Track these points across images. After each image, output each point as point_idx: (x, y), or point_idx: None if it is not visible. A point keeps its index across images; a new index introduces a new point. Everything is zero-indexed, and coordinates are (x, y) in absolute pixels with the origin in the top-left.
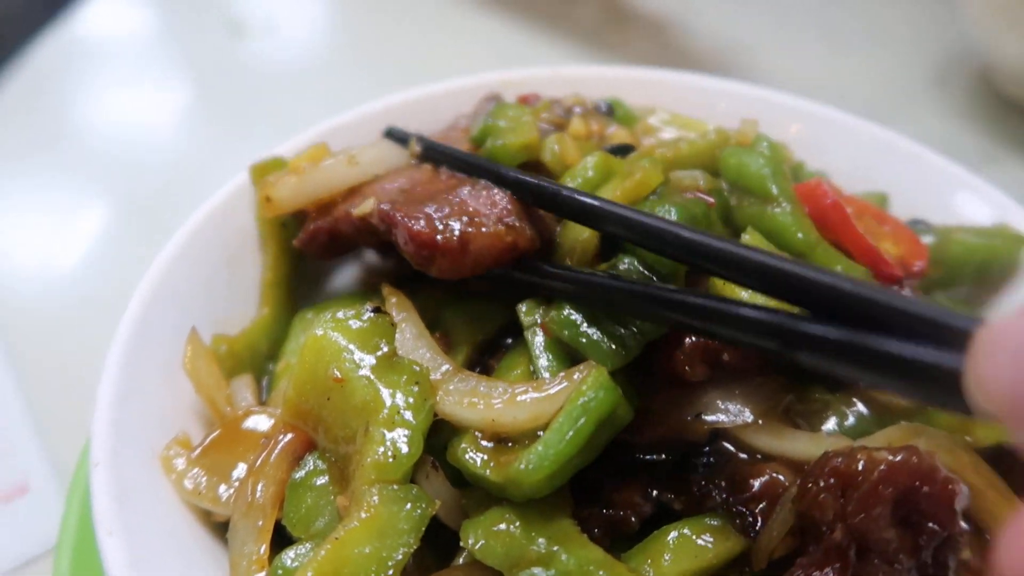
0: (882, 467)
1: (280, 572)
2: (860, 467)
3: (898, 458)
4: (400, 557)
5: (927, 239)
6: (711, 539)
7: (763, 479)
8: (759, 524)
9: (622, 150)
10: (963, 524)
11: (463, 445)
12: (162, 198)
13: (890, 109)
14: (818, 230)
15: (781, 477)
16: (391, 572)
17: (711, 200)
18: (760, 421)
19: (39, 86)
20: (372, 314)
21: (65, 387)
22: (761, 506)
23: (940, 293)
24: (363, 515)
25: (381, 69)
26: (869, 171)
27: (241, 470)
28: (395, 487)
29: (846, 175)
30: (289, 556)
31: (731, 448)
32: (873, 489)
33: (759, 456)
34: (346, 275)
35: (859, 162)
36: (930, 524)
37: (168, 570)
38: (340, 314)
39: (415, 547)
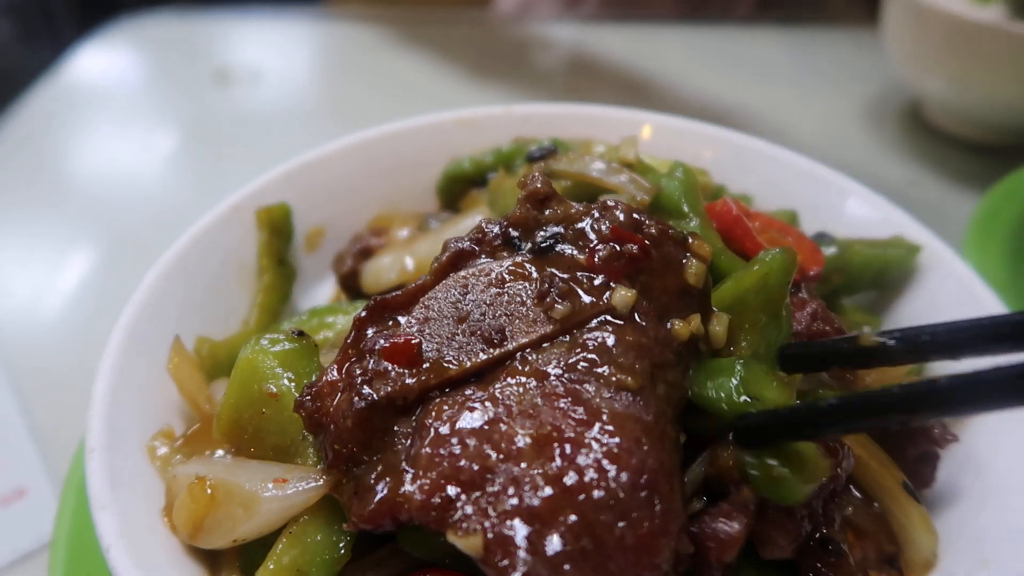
0: None
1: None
2: None
3: None
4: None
5: (830, 250)
6: None
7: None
8: None
9: (543, 153)
10: (844, 479)
11: None
12: (148, 233)
13: (824, 141)
14: (726, 242)
15: None
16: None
17: None
18: None
19: (33, 132)
20: (297, 336)
21: (58, 402)
22: None
23: (845, 298)
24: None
25: (356, 113)
26: (784, 192)
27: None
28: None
29: (764, 196)
30: None
31: None
32: None
33: None
34: (324, 291)
35: (774, 184)
36: None
37: (152, 542)
38: (265, 340)
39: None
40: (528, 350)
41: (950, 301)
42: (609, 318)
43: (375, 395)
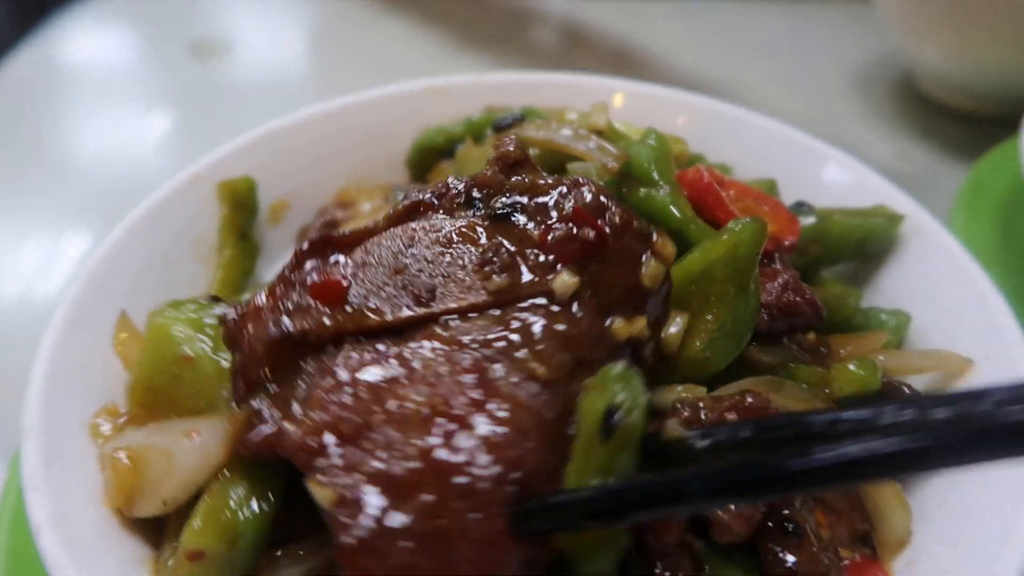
0: (718, 412)
1: None
2: (703, 415)
3: (732, 401)
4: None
5: (809, 219)
6: None
7: None
8: None
9: (511, 122)
10: None
11: None
12: (120, 205)
13: (815, 113)
14: (698, 211)
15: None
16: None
17: None
18: None
19: (10, 105)
20: (212, 300)
21: None
22: None
23: (824, 269)
24: None
25: (337, 85)
26: (764, 160)
27: None
28: None
29: (743, 165)
30: None
31: None
32: None
33: None
34: None
35: (754, 152)
36: None
37: (87, 522)
38: (176, 306)
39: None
40: (454, 316)
41: (934, 272)
42: (544, 302)
43: (290, 328)
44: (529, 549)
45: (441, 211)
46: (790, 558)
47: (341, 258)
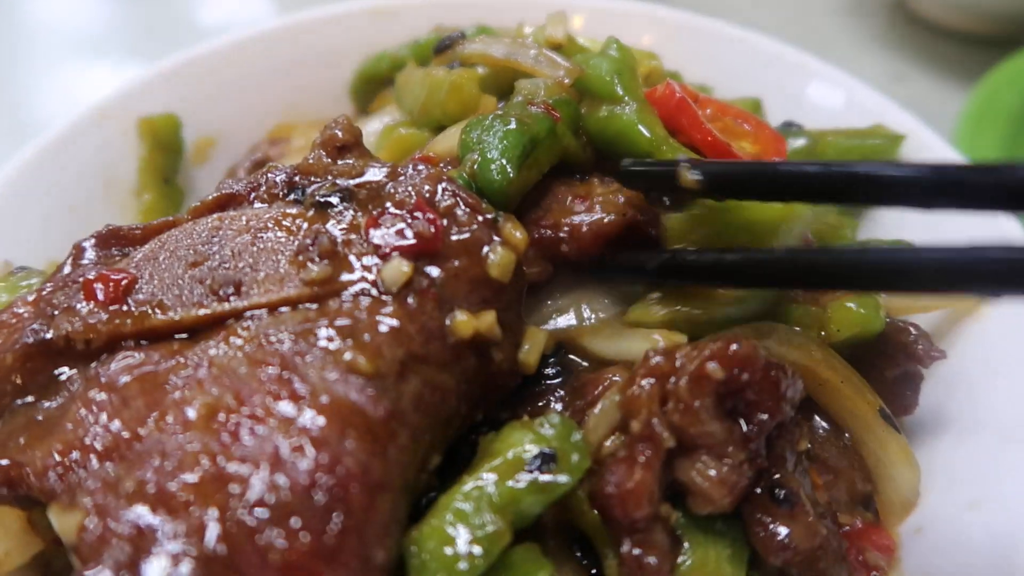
0: (697, 361)
1: None
2: (678, 364)
3: (714, 348)
4: None
5: (799, 141)
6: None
7: (604, 385)
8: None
9: (451, 41)
10: (790, 411)
11: None
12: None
13: (804, 34)
14: (671, 132)
15: (619, 379)
16: None
17: (556, 115)
18: (599, 320)
19: None
20: (17, 272)
21: None
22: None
23: None
24: None
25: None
26: (748, 79)
27: None
28: None
29: (726, 85)
30: None
31: (575, 359)
32: (693, 383)
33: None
34: None
35: (737, 70)
36: (759, 415)
37: None
38: None
39: None
40: (261, 312)
41: None
42: (371, 291)
43: (47, 333)
44: (355, 573)
45: (257, 202)
46: (782, 530)
47: (132, 251)
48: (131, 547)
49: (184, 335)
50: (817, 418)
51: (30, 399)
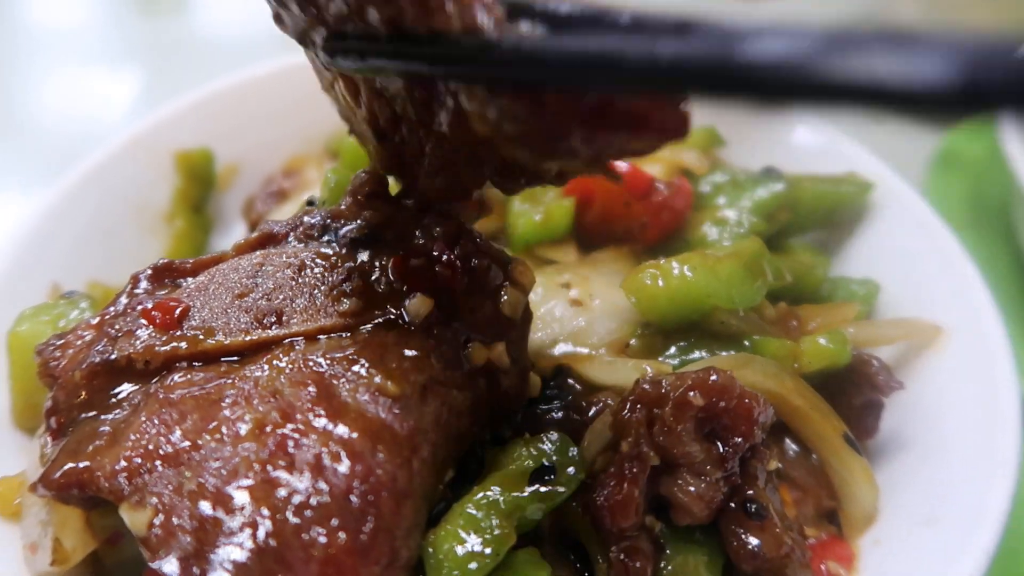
0: (681, 389)
1: None
2: (664, 391)
3: (695, 379)
4: None
5: (778, 186)
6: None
7: (597, 407)
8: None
9: None
10: (762, 435)
11: None
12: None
13: None
14: None
15: (611, 403)
16: None
17: None
18: (599, 352)
19: None
20: (68, 297)
21: None
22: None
23: (794, 237)
24: None
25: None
26: (723, 123)
27: None
28: None
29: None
30: None
31: (572, 382)
32: (676, 409)
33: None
34: (239, 234)
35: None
36: (734, 438)
37: None
38: (32, 311)
39: None
40: (301, 339)
41: (904, 241)
42: (397, 322)
43: (113, 353)
44: (385, 569)
45: (295, 241)
46: (753, 540)
47: (183, 282)
48: (195, 540)
49: (233, 358)
50: (788, 441)
51: (93, 413)
